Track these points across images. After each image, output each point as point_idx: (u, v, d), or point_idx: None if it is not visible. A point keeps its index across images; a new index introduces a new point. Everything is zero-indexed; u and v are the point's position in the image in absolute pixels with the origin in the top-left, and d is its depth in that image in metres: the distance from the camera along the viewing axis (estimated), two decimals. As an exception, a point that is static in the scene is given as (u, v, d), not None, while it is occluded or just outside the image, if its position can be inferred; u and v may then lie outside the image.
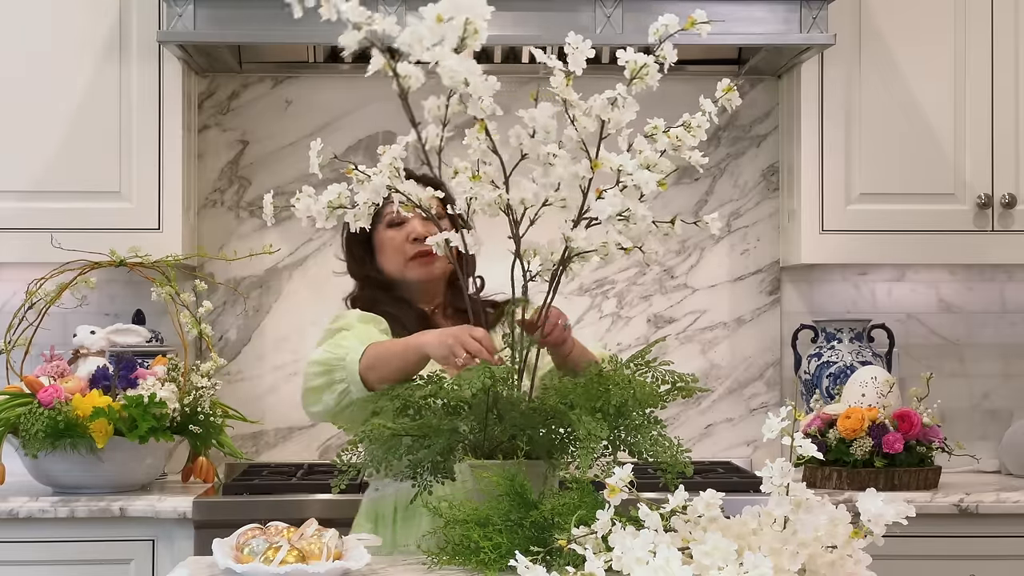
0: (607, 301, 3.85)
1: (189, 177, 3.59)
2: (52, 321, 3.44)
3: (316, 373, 2.36)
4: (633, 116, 1.91)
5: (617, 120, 1.91)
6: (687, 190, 3.84)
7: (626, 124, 1.93)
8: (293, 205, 2.05)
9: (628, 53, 1.90)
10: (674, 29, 1.89)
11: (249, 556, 1.87)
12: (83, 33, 3.47)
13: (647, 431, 1.98)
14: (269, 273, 3.80)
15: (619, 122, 1.91)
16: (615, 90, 1.90)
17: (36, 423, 3.09)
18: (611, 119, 1.91)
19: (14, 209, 3.45)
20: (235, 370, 3.77)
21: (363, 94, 3.78)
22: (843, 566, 1.63)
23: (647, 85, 1.91)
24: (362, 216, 2.03)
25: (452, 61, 1.76)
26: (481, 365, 1.98)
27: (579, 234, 1.94)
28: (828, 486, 3.33)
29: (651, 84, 1.91)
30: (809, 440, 1.63)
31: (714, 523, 1.65)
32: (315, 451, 3.78)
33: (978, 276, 3.88)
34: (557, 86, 1.90)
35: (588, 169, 1.92)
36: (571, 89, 1.91)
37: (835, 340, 3.68)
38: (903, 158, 3.57)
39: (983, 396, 3.89)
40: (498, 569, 1.82)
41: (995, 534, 3.21)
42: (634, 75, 1.90)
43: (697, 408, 3.84)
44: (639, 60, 1.89)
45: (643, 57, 1.89)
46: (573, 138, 1.92)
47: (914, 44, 3.56)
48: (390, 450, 2.07)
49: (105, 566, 3.13)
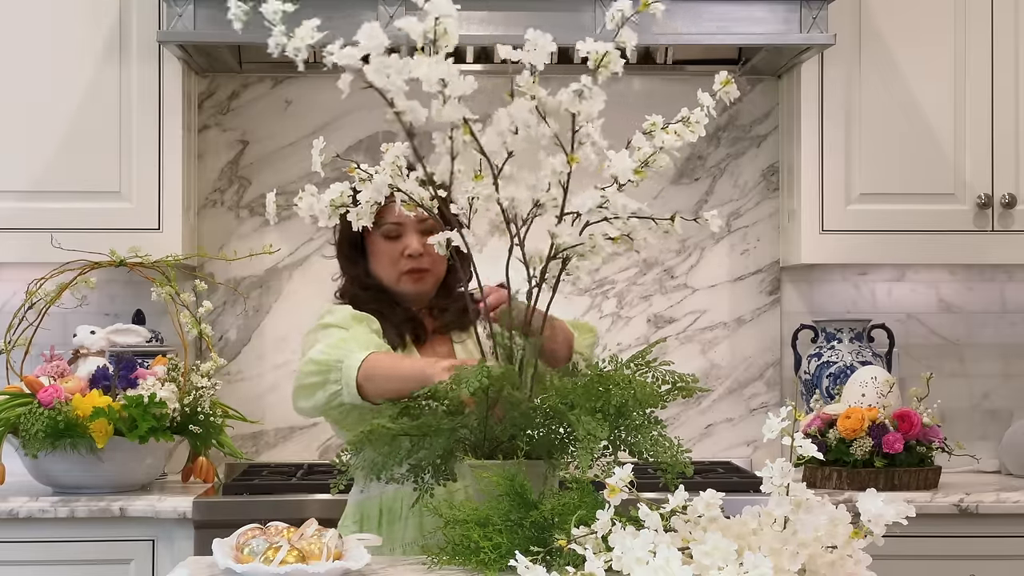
0: (607, 301, 3.85)
1: (189, 177, 3.59)
2: (52, 321, 3.44)
3: (312, 372, 2.34)
4: (601, 106, 1.91)
5: (587, 111, 1.91)
6: (687, 190, 3.84)
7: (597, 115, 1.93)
8: (296, 204, 2.05)
9: (588, 43, 1.90)
10: (629, 13, 1.89)
11: (249, 556, 1.87)
12: (83, 33, 3.47)
13: (647, 431, 1.98)
14: (269, 273, 3.80)
15: (589, 114, 1.91)
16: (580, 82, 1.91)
17: (36, 423, 3.09)
18: (580, 111, 1.91)
19: (14, 209, 3.45)
20: (235, 370, 3.77)
21: (363, 94, 3.75)
22: (843, 566, 1.63)
23: (611, 72, 1.91)
24: (364, 215, 2.02)
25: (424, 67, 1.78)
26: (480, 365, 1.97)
27: (564, 230, 1.94)
28: (828, 486, 3.33)
29: (615, 69, 1.91)
30: (809, 440, 1.63)
31: (714, 523, 1.65)
32: (315, 451, 3.78)
33: (978, 276, 3.89)
34: (524, 84, 1.91)
35: (565, 164, 1.92)
36: (538, 86, 1.91)
37: (835, 340, 3.68)
38: (903, 158, 3.57)
39: (983, 396, 3.89)
40: (498, 569, 1.82)
41: (995, 534, 3.21)
42: (598, 64, 1.90)
43: (697, 408, 3.84)
44: (600, 48, 1.90)
45: (604, 45, 1.90)
46: (547, 134, 1.93)
47: (914, 44, 3.56)
48: (391, 454, 2.07)
49: (105, 566, 3.13)
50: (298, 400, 2.39)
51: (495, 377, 1.94)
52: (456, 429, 2.03)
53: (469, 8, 3.23)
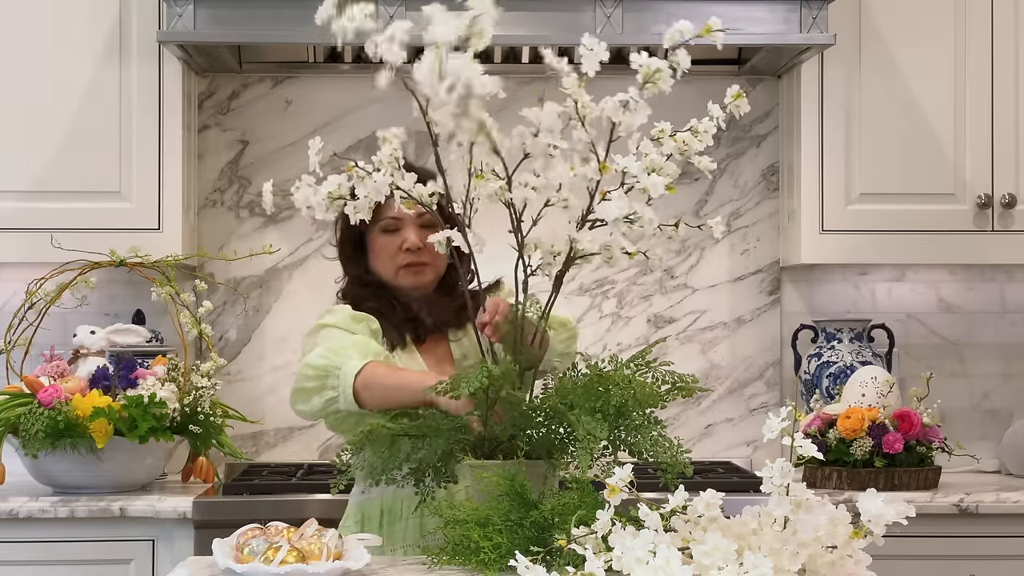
0: (607, 301, 3.85)
1: (189, 177, 3.59)
2: (52, 321, 3.44)
3: (310, 376, 2.35)
4: (644, 120, 1.90)
5: (628, 123, 1.89)
6: (687, 190, 3.84)
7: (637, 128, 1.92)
8: (292, 195, 2.04)
9: (642, 57, 1.87)
10: (689, 35, 1.85)
11: (249, 556, 1.87)
12: (83, 33, 3.47)
13: (647, 431, 1.98)
14: (269, 273, 3.80)
15: (630, 125, 1.90)
16: (627, 92, 1.88)
17: (36, 423, 3.09)
18: (622, 122, 1.89)
19: (14, 209, 3.45)
20: (235, 370, 3.77)
21: (363, 94, 3.78)
22: (843, 566, 1.63)
23: (660, 90, 1.89)
24: (362, 209, 2.02)
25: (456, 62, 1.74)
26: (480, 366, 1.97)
27: (585, 236, 1.94)
28: (828, 486, 3.33)
29: (664, 89, 1.89)
30: (809, 440, 1.63)
31: (714, 523, 1.65)
32: (315, 451, 3.78)
33: (978, 276, 3.89)
34: (570, 87, 1.88)
35: (596, 171, 1.91)
36: (583, 91, 1.89)
37: (835, 340, 3.68)
38: (903, 158, 3.57)
39: (983, 396, 3.89)
40: (498, 569, 1.82)
41: (995, 534, 3.21)
42: (647, 79, 1.88)
43: (697, 408, 3.84)
44: (652, 64, 1.87)
45: (657, 61, 1.87)
46: (583, 140, 1.91)
47: (914, 44, 3.56)
48: (391, 458, 2.07)
49: (105, 566, 3.13)
50: (296, 403, 2.39)
51: (495, 377, 1.94)
52: (456, 429, 2.03)
53: (469, 8, 3.25)
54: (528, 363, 2.08)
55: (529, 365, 2.09)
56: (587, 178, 1.92)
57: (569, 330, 2.53)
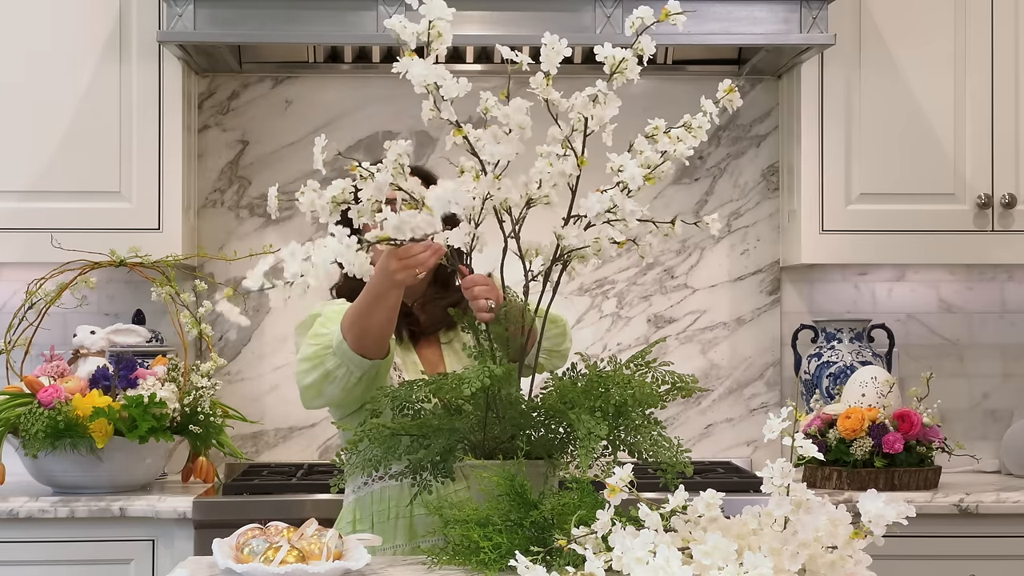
0: (607, 301, 3.84)
1: (189, 177, 3.59)
2: (52, 321, 3.44)
3: (307, 370, 2.36)
4: (615, 111, 1.92)
5: (600, 116, 1.91)
6: (687, 190, 3.84)
7: (610, 120, 1.93)
8: (297, 199, 2.05)
9: (606, 48, 1.90)
10: (650, 21, 1.90)
11: (249, 556, 1.87)
12: (83, 33, 3.47)
13: (647, 431, 1.98)
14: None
15: (601, 118, 1.92)
16: (595, 87, 1.91)
17: (36, 423, 3.09)
18: (593, 115, 1.91)
19: (14, 209, 3.45)
20: (235, 370, 3.77)
21: (363, 94, 3.78)
22: (843, 566, 1.63)
23: (627, 79, 1.91)
24: (365, 212, 2.03)
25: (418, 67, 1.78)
26: (480, 365, 1.97)
27: (570, 232, 1.95)
28: (828, 486, 3.33)
29: (631, 77, 1.91)
30: (809, 440, 1.63)
31: (714, 523, 1.65)
32: (315, 451, 3.79)
33: (978, 276, 3.89)
34: (537, 86, 1.91)
35: (575, 167, 1.93)
36: (551, 88, 1.91)
37: (835, 340, 3.68)
38: (903, 158, 3.57)
39: (983, 396, 3.89)
40: (498, 569, 1.83)
41: (995, 534, 3.21)
42: (613, 70, 1.91)
43: (697, 408, 3.84)
44: (617, 55, 1.90)
45: (621, 52, 1.90)
46: (557, 137, 1.93)
47: (914, 44, 3.56)
48: (389, 450, 2.07)
49: (105, 566, 3.13)
50: (308, 401, 2.41)
51: (496, 377, 1.94)
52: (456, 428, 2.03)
53: (469, 8, 3.25)
54: (512, 355, 2.08)
55: (513, 357, 2.09)
56: (566, 174, 1.93)
57: (559, 327, 2.53)
